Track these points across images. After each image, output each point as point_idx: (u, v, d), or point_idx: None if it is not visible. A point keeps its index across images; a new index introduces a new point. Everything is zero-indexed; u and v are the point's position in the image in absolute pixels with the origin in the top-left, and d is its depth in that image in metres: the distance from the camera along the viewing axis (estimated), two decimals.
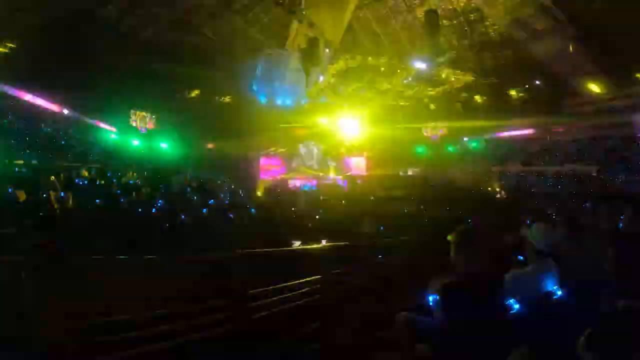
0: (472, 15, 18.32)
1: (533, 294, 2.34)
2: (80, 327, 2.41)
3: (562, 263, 2.60)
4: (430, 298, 2.41)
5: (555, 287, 2.38)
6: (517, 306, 2.21)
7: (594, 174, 20.28)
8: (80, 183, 11.24)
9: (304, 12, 14.70)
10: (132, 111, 22.71)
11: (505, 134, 27.40)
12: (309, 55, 14.04)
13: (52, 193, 7.27)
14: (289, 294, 3.56)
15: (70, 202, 7.03)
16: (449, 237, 2.32)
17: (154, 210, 8.07)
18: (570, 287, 2.46)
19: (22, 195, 6.94)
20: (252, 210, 10.13)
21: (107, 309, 2.67)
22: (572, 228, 2.93)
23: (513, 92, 24.34)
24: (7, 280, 2.37)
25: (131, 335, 2.58)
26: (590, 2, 15.25)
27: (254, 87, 19.86)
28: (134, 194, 9.79)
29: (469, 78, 21.71)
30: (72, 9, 15.24)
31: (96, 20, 16.33)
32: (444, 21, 17.70)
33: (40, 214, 6.07)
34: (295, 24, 16.22)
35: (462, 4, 17.86)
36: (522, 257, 3.71)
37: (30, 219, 5.54)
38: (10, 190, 7.19)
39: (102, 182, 12.13)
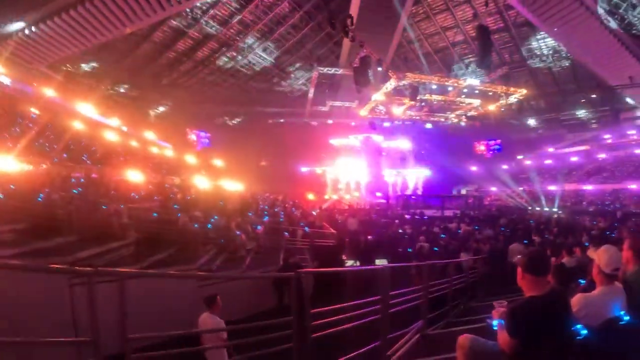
0: None
1: (600, 319, 2.28)
2: None
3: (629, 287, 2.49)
4: (495, 322, 2.38)
5: (622, 312, 2.33)
6: (584, 332, 2.18)
7: None
8: None
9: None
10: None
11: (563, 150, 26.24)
12: (361, 73, 14.05)
13: None
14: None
15: None
16: (516, 261, 2.35)
17: None
18: (638, 312, 2.37)
19: None
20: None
21: None
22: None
23: None
24: None
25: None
26: None
27: None
28: None
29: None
30: None
31: None
32: None
33: None
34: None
35: None
36: (582, 281, 3.60)
37: None
38: None
39: None
